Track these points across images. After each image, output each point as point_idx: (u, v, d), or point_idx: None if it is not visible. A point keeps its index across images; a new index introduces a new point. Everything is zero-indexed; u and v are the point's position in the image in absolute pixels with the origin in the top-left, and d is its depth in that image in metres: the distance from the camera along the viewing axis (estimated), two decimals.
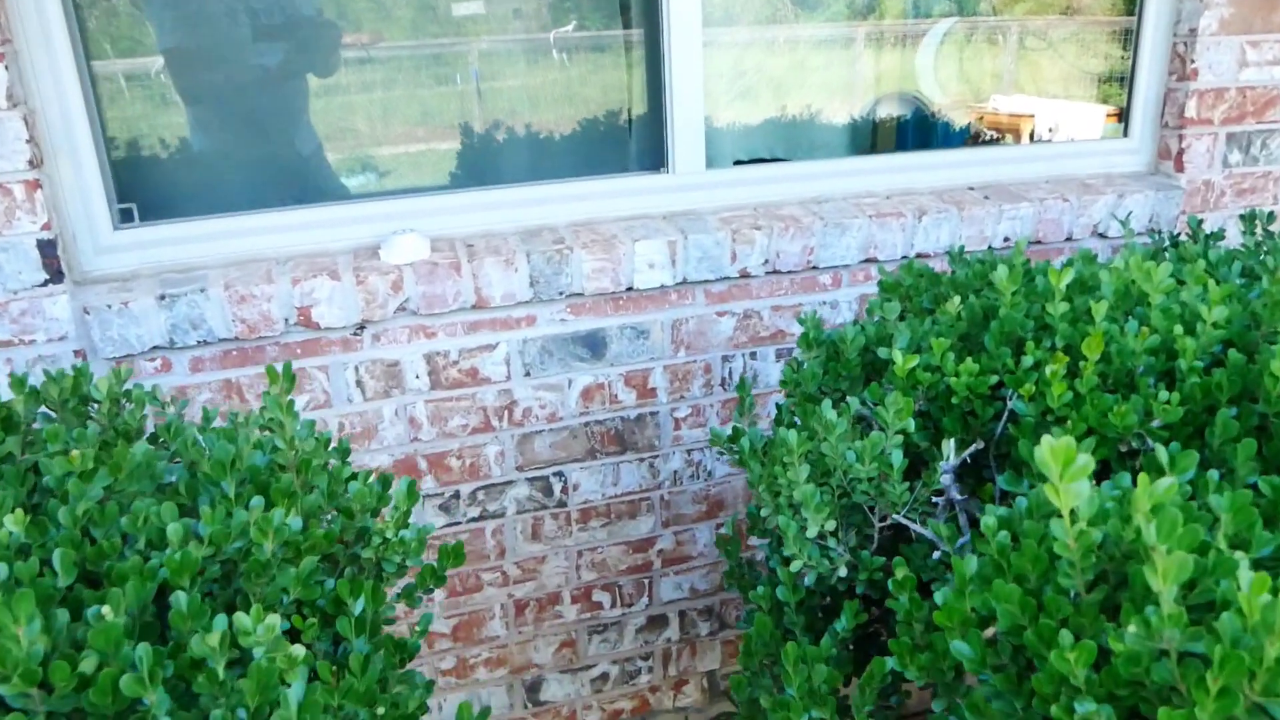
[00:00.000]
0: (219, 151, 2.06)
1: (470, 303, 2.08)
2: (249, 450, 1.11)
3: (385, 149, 2.17)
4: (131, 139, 2.00)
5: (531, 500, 2.32)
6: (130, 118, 1.99)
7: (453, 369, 2.15)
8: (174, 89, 2.02)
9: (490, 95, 2.22)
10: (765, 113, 2.43)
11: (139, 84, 2.00)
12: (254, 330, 1.97)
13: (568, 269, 2.10)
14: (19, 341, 1.88)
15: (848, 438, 1.25)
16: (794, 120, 2.44)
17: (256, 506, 1.00)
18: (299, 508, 1.08)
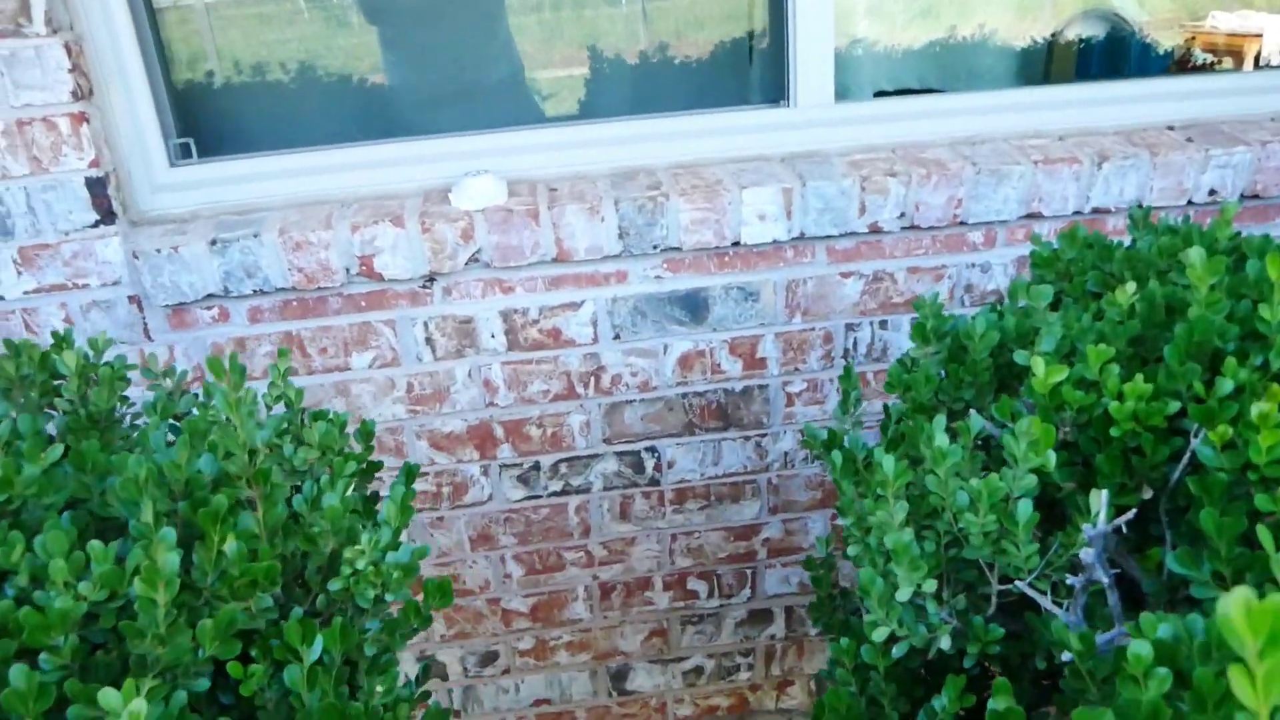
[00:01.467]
0: (284, 80, 1.87)
1: (550, 255, 1.83)
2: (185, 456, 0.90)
3: (465, 79, 1.93)
4: (190, 66, 1.83)
5: (620, 476, 2.08)
6: (189, 43, 1.82)
7: (532, 329, 1.92)
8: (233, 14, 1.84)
9: (580, 19, 1.93)
10: (912, 33, 2.03)
11: (198, 5, 1.82)
12: (312, 280, 1.79)
13: (663, 219, 1.82)
14: (72, 285, 1.77)
15: (964, 469, 0.93)
16: (948, 43, 2.04)
17: (159, 541, 0.79)
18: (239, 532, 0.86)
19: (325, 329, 1.86)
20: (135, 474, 0.83)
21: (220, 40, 1.82)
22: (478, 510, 2.08)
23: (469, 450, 2.01)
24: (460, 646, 2.23)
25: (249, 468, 0.92)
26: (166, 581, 0.74)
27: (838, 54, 1.92)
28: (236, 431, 0.92)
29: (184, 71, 1.82)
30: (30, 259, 1.74)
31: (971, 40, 2.03)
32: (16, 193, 1.69)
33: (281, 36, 1.84)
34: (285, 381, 1.30)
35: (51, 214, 1.71)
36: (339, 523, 0.95)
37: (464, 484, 2.05)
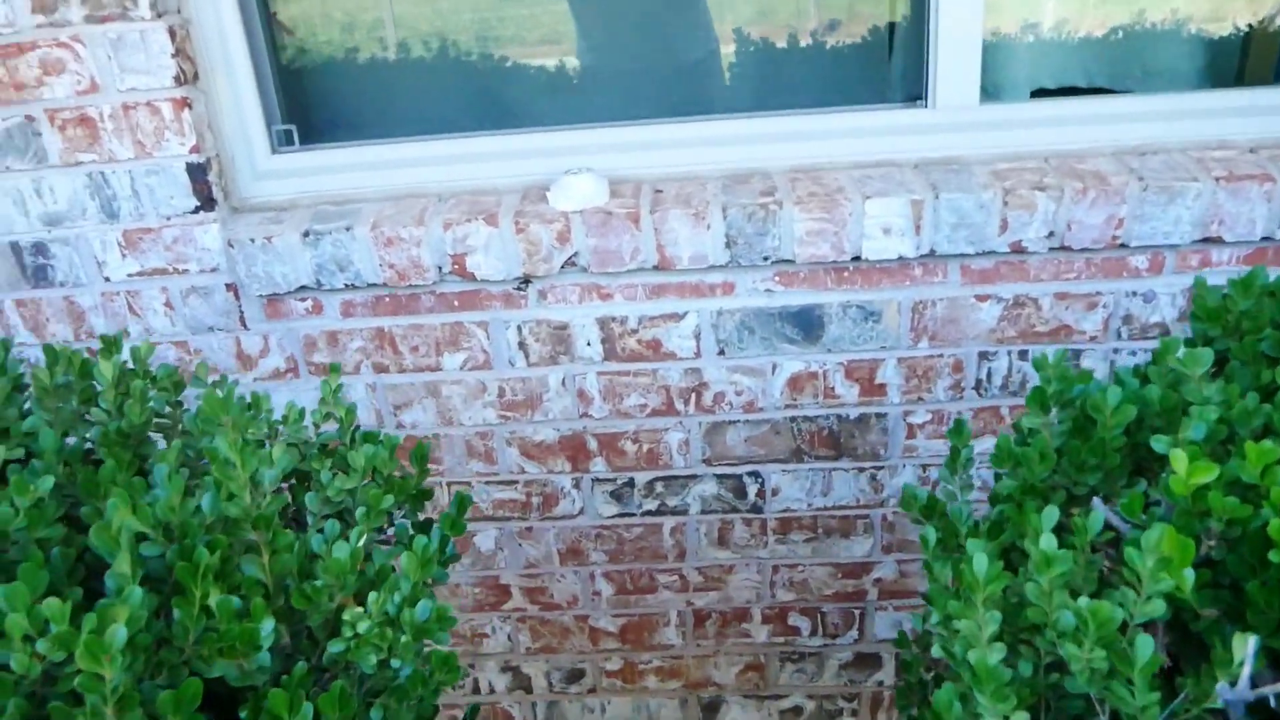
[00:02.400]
0: (389, 66, 1.80)
1: (651, 262, 1.70)
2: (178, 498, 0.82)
3: (570, 69, 1.81)
4: (296, 50, 1.79)
5: (719, 500, 1.94)
6: (295, 27, 1.78)
7: (630, 338, 1.79)
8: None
9: (697, 8, 1.78)
10: (1079, 22, 1.78)
11: None
12: (404, 277, 1.72)
13: (775, 229, 1.65)
14: (173, 270, 1.77)
15: (1076, 577, 0.75)
16: (1120, 35, 1.77)
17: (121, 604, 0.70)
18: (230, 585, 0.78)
19: (417, 327, 1.80)
20: (110, 520, 0.75)
21: (326, 23, 1.77)
22: (568, 524, 1.98)
23: (560, 461, 1.91)
24: (546, 660, 2.15)
25: (253, 510, 0.83)
26: (114, 655, 0.65)
27: (987, 46, 1.70)
28: (238, 471, 0.84)
29: (290, 55, 1.78)
30: (134, 242, 1.74)
31: (1150, 31, 1.77)
32: (122, 176, 1.69)
33: (387, 18, 1.77)
34: (336, 398, 1.22)
35: (154, 198, 1.70)
36: (344, 577, 0.85)
37: (554, 495, 1.95)
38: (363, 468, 1.18)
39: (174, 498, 0.80)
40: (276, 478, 0.90)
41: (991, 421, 1.84)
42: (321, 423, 1.22)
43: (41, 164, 1.68)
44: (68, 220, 1.72)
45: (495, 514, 1.98)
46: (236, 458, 0.84)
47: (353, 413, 1.22)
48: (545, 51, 1.78)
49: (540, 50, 1.78)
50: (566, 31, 1.78)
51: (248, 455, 0.84)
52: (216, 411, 0.86)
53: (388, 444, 1.22)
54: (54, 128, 1.66)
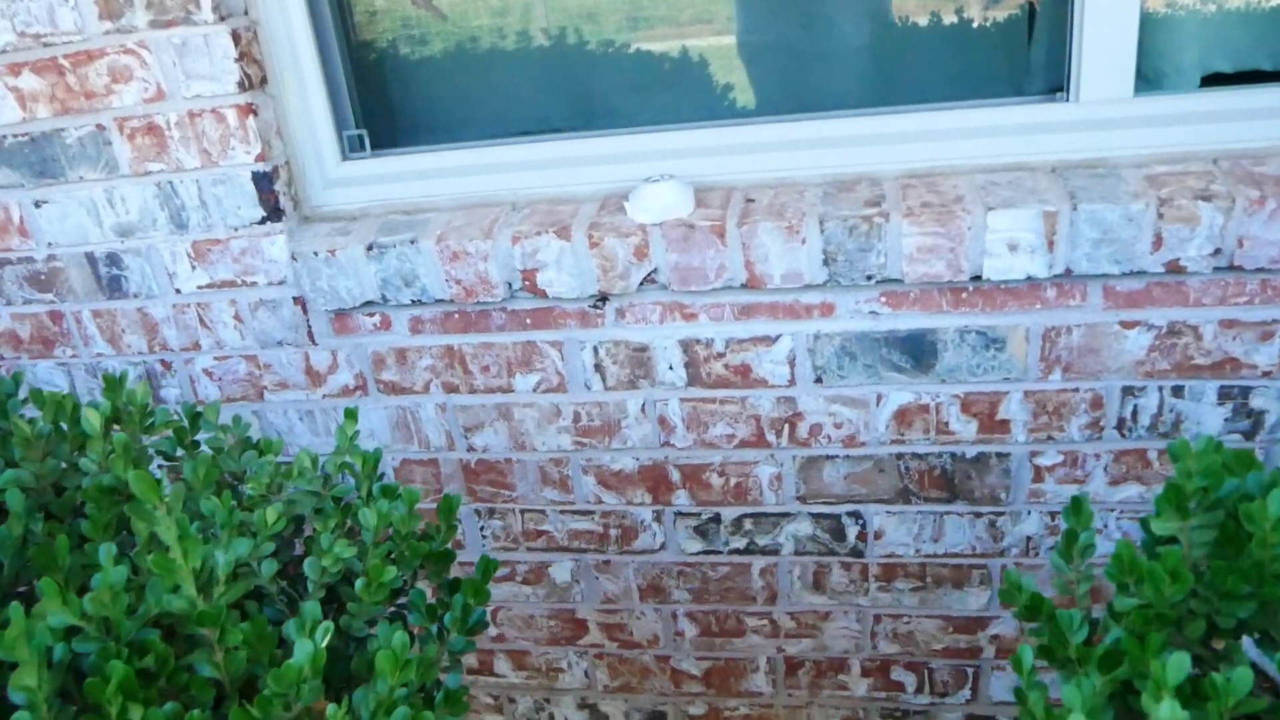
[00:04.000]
0: (464, 67, 1.68)
1: (740, 280, 1.52)
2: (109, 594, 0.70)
3: (660, 63, 1.65)
4: (369, 50, 1.69)
5: (815, 542, 1.75)
6: (367, 26, 1.68)
7: (717, 363, 1.62)
8: None
9: None
10: None
11: None
12: (471, 293, 1.60)
13: (880, 244, 1.45)
14: (241, 282, 1.70)
15: None
16: None
17: None
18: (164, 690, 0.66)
19: (488, 346, 1.68)
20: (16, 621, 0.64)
21: (399, 22, 1.67)
22: (648, 559, 1.83)
23: (640, 492, 1.77)
24: (624, 700, 2.01)
25: (200, 603, 0.72)
26: None
27: (1145, 23, 1.44)
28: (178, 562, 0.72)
29: (362, 56, 1.69)
30: (203, 254, 1.68)
31: None
32: (189, 185, 1.63)
33: (463, 18, 1.65)
34: (353, 446, 1.10)
35: (221, 209, 1.64)
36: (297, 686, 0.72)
37: (634, 528, 1.81)
38: (376, 526, 1.06)
39: (103, 593, 0.69)
40: (244, 554, 0.78)
41: (1136, 467, 1.58)
42: (336, 474, 1.11)
43: (113, 174, 1.64)
44: (139, 231, 1.68)
45: (571, 544, 1.85)
46: (177, 547, 0.72)
47: (373, 461, 1.11)
48: (635, 45, 1.63)
49: (630, 43, 1.63)
50: (654, 21, 1.62)
51: (191, 546, 0.72)
52: (149, 495, 0.74)
53: (407, 499, 1.10)
54: (123, 136, 1.61)
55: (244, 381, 1.79)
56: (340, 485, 1.12)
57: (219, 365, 1.78)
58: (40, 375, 1.86)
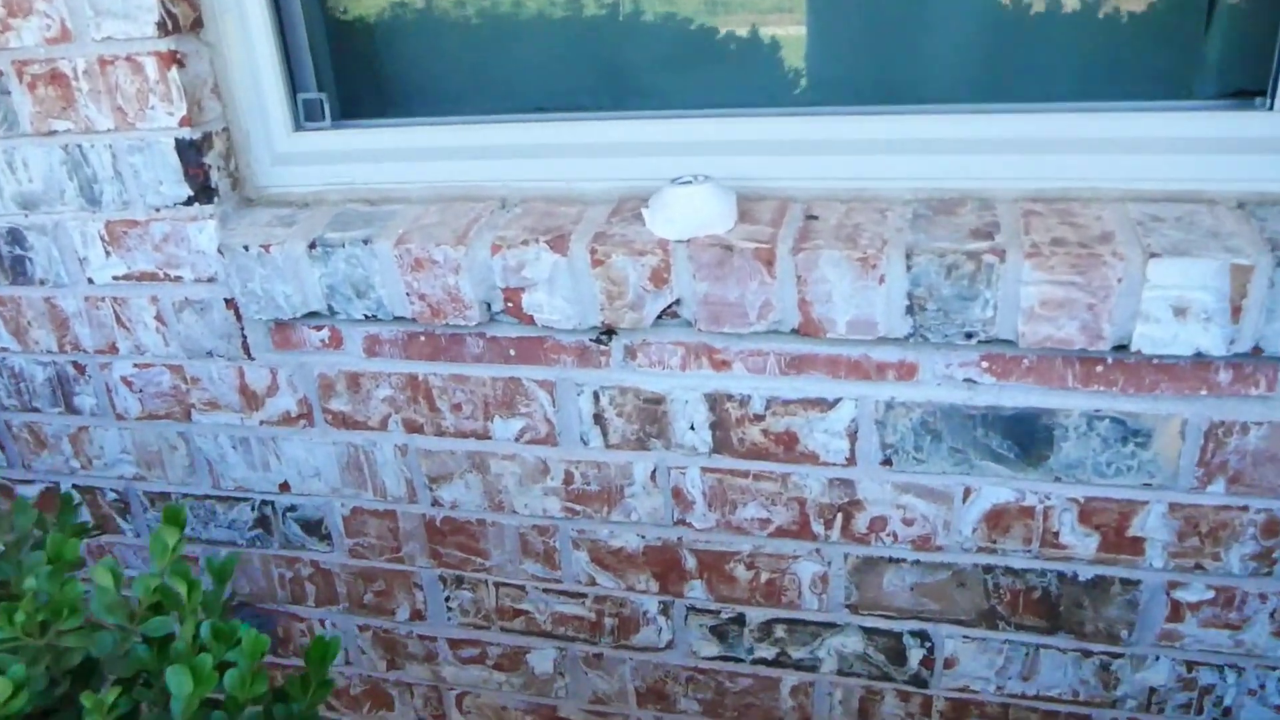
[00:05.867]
0: (461, 24, 1.31)
1: (790, 324, 1.13)
2: None
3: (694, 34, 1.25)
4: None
5: (866, 662, 1.35)
6: None
7: (753, 427, 1.23)
8: None
9: None
10: None
11: None
12: (438, 313, 1.24)
13: (989, 292, 1.05)
14: (164, 276, 1.36)
15: None
16: None
17: None
18: None
19: (460, 379, 1.31)
20: None
21: None
22: (651, 657, 1.46)
23: (645, 577, 1.39)
24: None
25: None
26: None
27: None
28: None
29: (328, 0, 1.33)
30: (118, 237, 1.35)
31: None
32: (101, 151, 1.29)
33: None
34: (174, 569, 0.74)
35: (139, 182, 1.30)
36: None
37: (634, 619, 1.43)
38: (188, 698, 0.71)
39: None
40: None
41: None
42: (147, 601, 0.75)
43: (12, 131, 1.31)
44: (44, 204, 1.35)
45: (555, 630, 1.48)
46: None
47: (199, 590, 0.75)
48: (669, 6, 1.24)
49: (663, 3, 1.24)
50: None
51: None
52: None
53: (250, 649, 0.74)
54: (23, 85, 1.28)
55: (168, 396, 1.46)
56: (156, 622, 0.77)
57: (139, 374, 1.45)
58: None
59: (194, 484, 1.53)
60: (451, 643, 1.55)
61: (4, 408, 1.55)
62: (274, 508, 1.51)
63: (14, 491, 1.64)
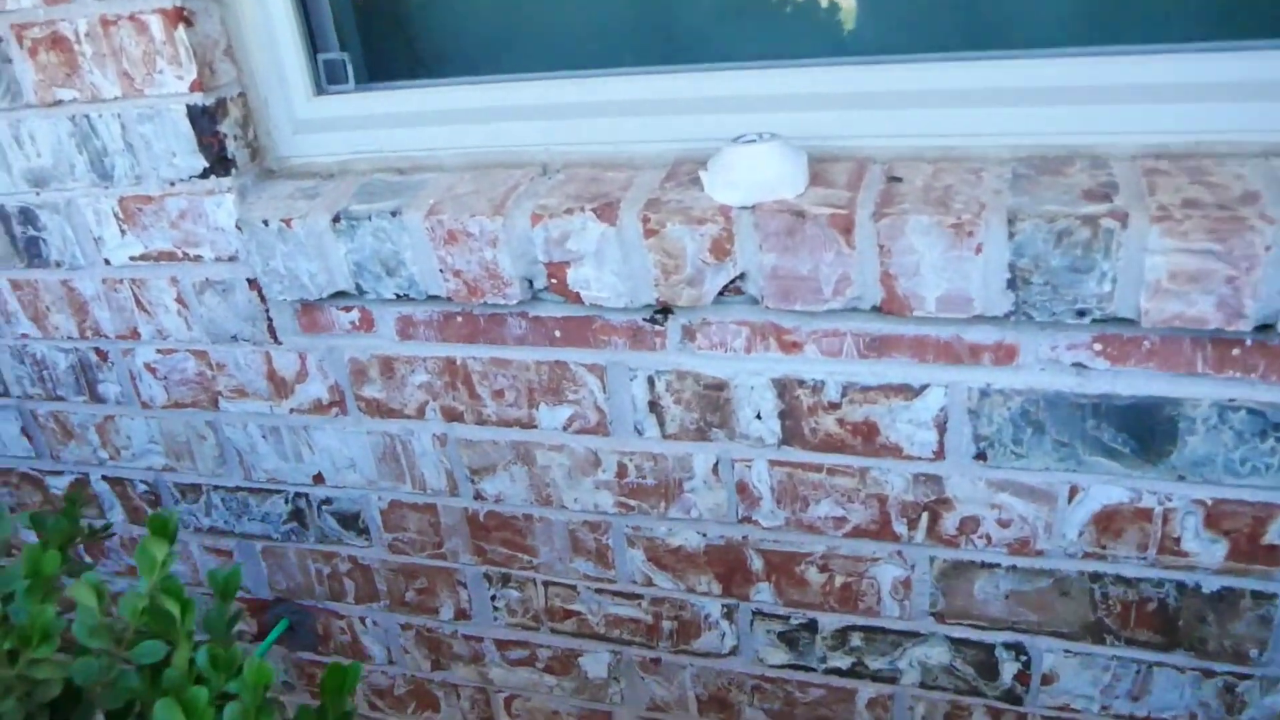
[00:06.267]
0: None
1: (872, 300, 0.99)
2: None
3: None
4: None
5: (953, 675, 1.22)
6: None
7: (828, 416, 1.10)
8: None
9: None
10: None
11: None
12: (476, 290, 1.12)
13: (1107, 263, 0.89)
14: (183, 255, 1.26)
15: None
16: None
17: None
18: None
19: (502, 363, 1.20)
20: None
21: None
22: (713, 664, 1.34)
23: (707, 579, 1.27)
24: None
25: None
26: None
27: None
28: None
29: None
30: (132, 214, 1.25)
31: None
32: (110, 122, 1.19)
33: None
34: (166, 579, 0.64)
35: (151, 154, 1.20)
36: None
37: (695, 623, 1.31)
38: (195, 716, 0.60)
39: None
40: None
41: None
42: (136, 623, 0.65)
43: (16, 102, 1.21)
44: (55, 180, 1.26)
45: (609, 633, 1.37)
46: None
47: (193, 611, 0.64)
48: None
49: None
50: None
51: None
52: None
53: (254, 678, 0.64)
54: (24, 51, 1.18)
55: (193, 383, 1.36)
56: (148, 645, 0.66)
57: (163, 360, 1.36)
58: None
59: (225, 475, 1.44)
60: (499, 643, 1.45)
61: (29, 396, 1.47)
62: (308, 500, 1.42)
63: (44, 483, 1.57)
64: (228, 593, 0.76)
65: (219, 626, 0.74)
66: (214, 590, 0.76)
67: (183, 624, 0.66)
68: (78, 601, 0.68)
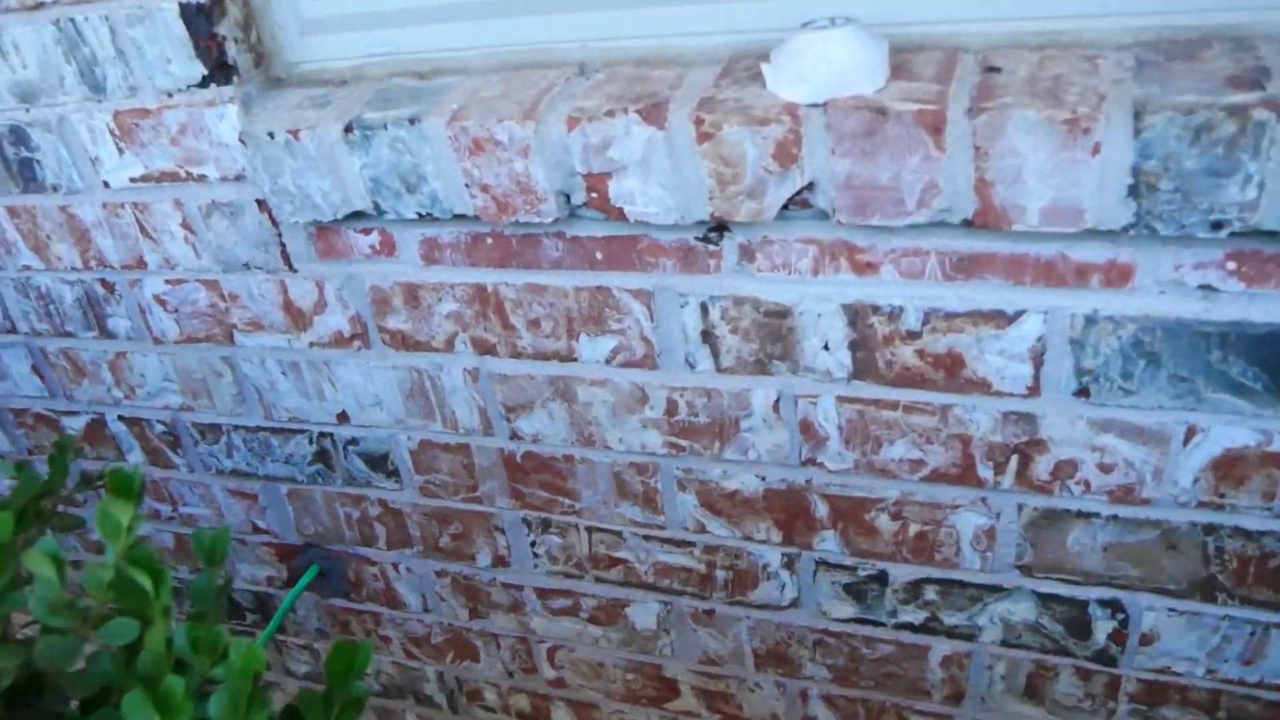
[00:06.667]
0: None
1: (964, 212, 0.85)
2: None
3: None
4: None
5: (1039, 633, 1.11)
6: None
7: (906, 346, 0.97)
8: None
9: None
10: None
11: None
12: (506, 208, 0.99)
13: (1254, 163, 0.74)
14: (185, 175, 1.15)
15: None
16: None
17: None
18: None
19: (537, 290, 1.08)
20: None
21: None
22: (771, 616, 1.24)
23: (765, 526, 1.16)
24: None
25: None
26: None
27: None
28: None
29: None
30: (129, 130, 1.13)
31: None
32: (98, 25, 1.07)
33: None
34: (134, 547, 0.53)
35: (144, 61, 1.08)
36: None
37: (752, 573, 1.21)
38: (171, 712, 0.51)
39: None
40: None
41: None
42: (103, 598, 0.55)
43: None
44: (44, 94, 1.14)
45: (659, 582, 1.27)
46: None
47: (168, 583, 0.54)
48: None
49: None
50: None
51: None
52: None
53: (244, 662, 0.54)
54: None
55: (206, 316, 1.26)
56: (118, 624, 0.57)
57: (172, 292, 1.26)
58: None
59: (244, 415, 1.35)
60: (540, 592, 1.36)
61: (37, 333, 1.38)
62: (333, 440, 1.32)
63: (59, 424, 1.49)
64: (214, 558, 0.66)
65: (206, 598, 0.64)
66: (200, 556, 0.66)
67: (157, 598, 0.56)
68: (34, 574, 0.59)
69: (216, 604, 0.64)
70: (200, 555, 0.65)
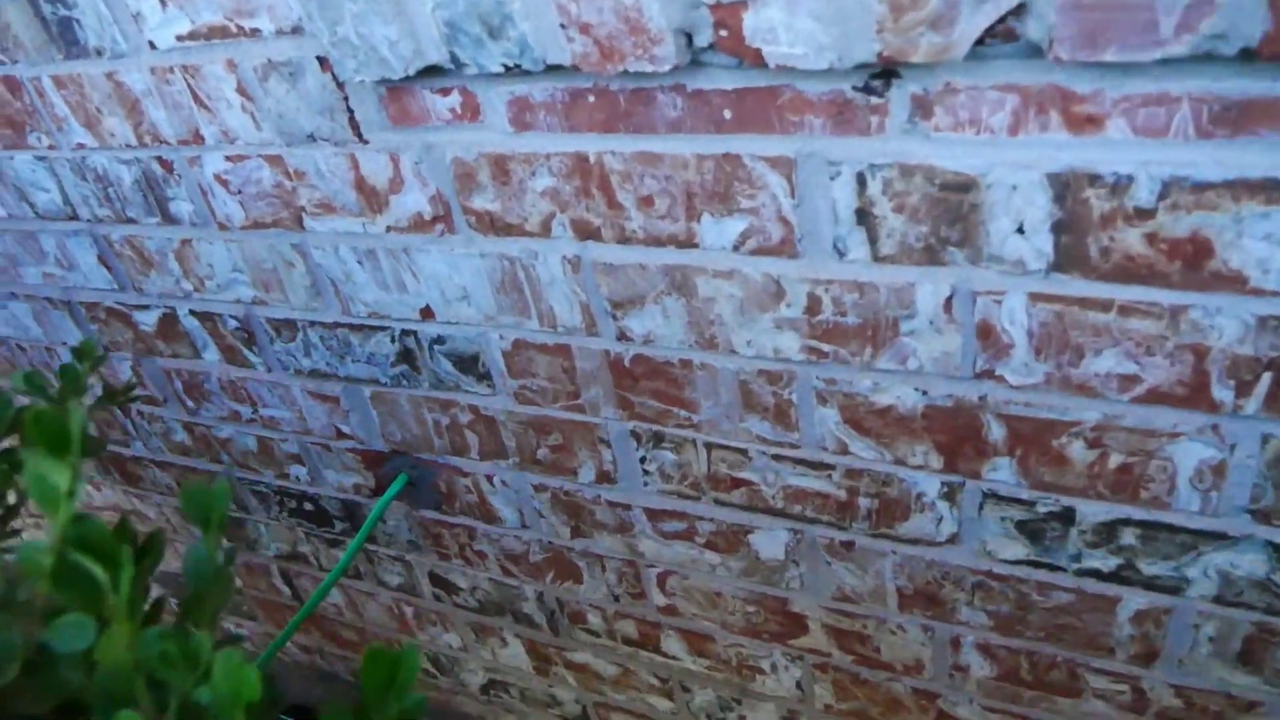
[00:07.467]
0: None
1: (1245, 38, 0.61)
2: None
3: None
4: None
5: (1266, 591, 0.89)
6: None
7: (1131, 229, 0.74)
8: None
9: None
10: None
11: None
12: (611, 55, 0.79)
13: None
14: (237, 30, 0.98)
15: None
16: None
17: None
18: None
19: (650, 159, 0.88)
20: None
21: None
22: (923, 553, 1.05)
23: (924, 449, 0.96)
24: None
25: None
26: None
27: None
28: None
29: None
30: None
31: None
32: None
33: None
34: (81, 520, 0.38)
35: None
36: None
37: (902, 502, 1.02)
38: None
39: None
40: None
41: None
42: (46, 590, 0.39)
43: None
44: None
45: (789, 508, 1.09)
46: None
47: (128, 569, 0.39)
48: None
49: None
50: None
51: None
52: None
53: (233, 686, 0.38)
54: None
55: (272, 197, 1.11)
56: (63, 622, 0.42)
57: (234, 170, 1.11)
58: (21, 173, 1.28)
59: (320, 310, 1.21)
60: (650, 513, 1.20)
61: (99, 219, 1.26)
62: (417, 339, 1.17)
63: (132, 319, 1.39)
64: (212, 521, 0.50)
65: (203, 576, 0.48)
66: (193, 518, 0.50)
67: (115, 590, 0.40)
68: None
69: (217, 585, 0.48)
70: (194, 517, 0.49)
